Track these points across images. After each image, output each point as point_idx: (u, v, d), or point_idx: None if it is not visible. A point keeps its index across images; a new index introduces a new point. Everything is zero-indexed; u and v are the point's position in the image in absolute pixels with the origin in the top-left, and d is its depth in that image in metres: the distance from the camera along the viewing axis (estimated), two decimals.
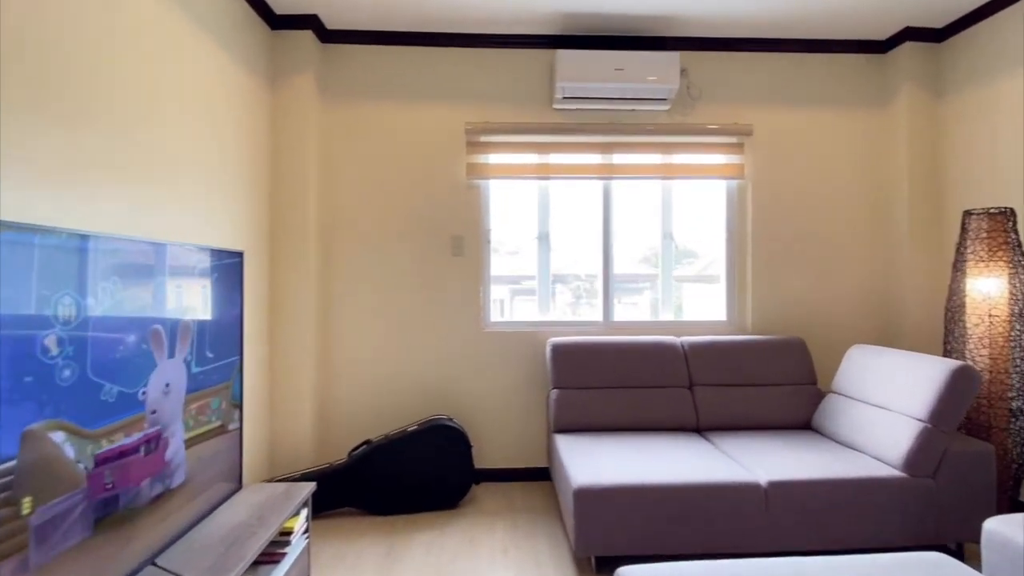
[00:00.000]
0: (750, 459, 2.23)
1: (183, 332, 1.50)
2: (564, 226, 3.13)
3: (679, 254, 3.17)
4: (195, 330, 1.57)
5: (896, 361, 2.33)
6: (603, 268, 3.11)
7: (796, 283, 3.07)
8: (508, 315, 3.14)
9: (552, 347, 2.79)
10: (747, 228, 3.06)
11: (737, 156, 3.02)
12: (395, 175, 2.96)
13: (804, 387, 2.76)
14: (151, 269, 1.36)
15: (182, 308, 1.50)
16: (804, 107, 3.05)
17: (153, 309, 1.36)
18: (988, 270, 2.28)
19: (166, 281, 1.43)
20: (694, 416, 2.68)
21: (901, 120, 2.94)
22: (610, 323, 3.09)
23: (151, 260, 1.37)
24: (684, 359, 2.80)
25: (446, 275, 2.99)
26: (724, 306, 3.12)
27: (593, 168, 3.00)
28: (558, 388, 2.72)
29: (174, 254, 1.48)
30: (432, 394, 2.99)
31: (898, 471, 2.09)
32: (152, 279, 1.37)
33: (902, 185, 2.94)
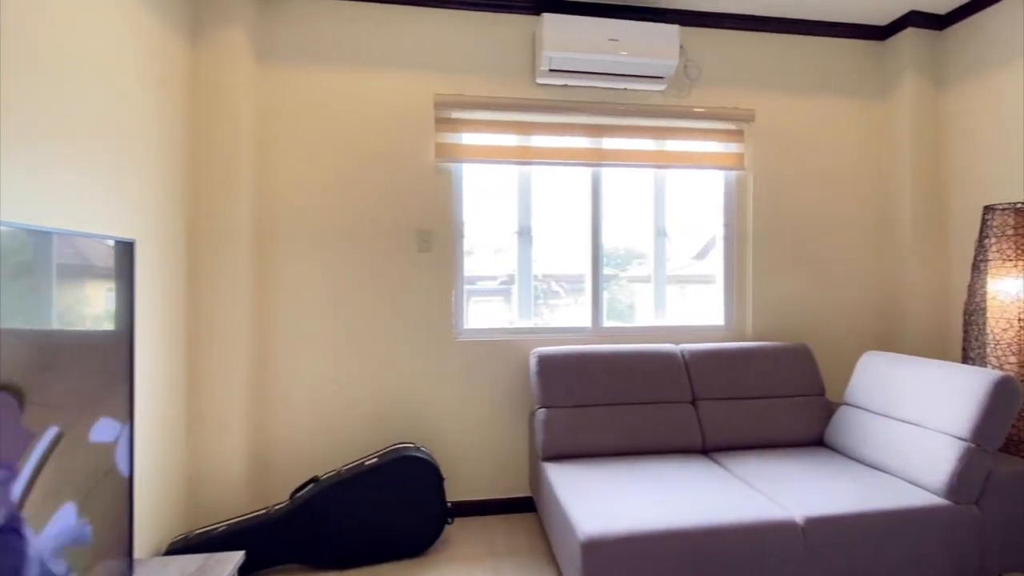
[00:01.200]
0: (775, 489, 1.92)
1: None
2: (548, 219, 2.74)
3: (628, 255, 2.85)
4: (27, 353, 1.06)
5: (922, 371, 2.10)
6: (592, 266, 2.74)
7: (797, 285, 2.83)
8: (484, 321, 2.72)
9: (538, 359, 2.39)
10: (748, 224, 2.79)
11: (737, 144, 2.75)
12: (350, 156, 2.47)
13: (812, 399, 2.51)
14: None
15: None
16: (807, 94, 2.82)
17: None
18: (1017, 270, 2.09)
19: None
20: (699, 435, 2.36)
21: (904, 111, 2.76)
22: (600, 329, 2.73)
23: None
24: (685, 370, 2.49)
25: (411, 276, 2.53)
26: (722, 310, 2.84)
27: (580, 153, 2.63)
28: (546, 407, 2.33)
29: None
30: (395, 418, 2.52)
31: (940, 498, 1.84)
32: None
33: (905, 181, 2.76)
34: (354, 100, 2.47)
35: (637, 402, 2.39)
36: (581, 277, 2.78)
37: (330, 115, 2.46)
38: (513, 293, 2.73)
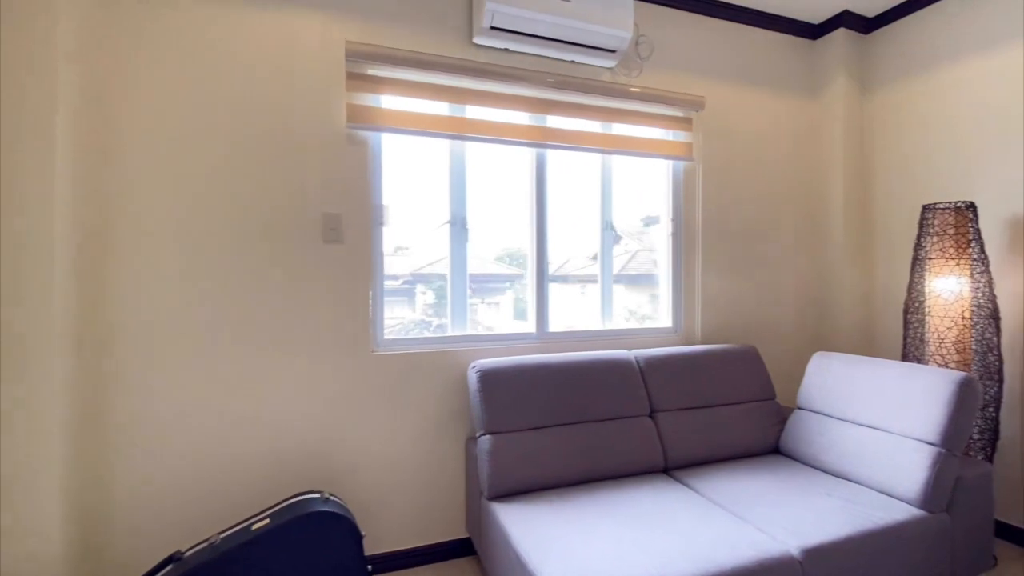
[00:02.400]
0: (757, 515, 1.70)
1: None
2: (485, 208, 2.33)
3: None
4: None
5: (879, 372, 2.03)
6: (536, 262, 2.38)
7: (741, 284, 2.71)
8: (407, 329, 2.22)
9: (480, 374, 1.97)
10: (697, 219, 2.62)
11: (685, 133, 2.56)
12: (228, 118, 1.85)
13: (764, 403, 2.38)
14: None
15: None
16: (753, 87, 2.72)
17: None
18: (959, 268, 2.10)
19: None
20: (661, 452, 2.11)
21: (835, 112, 2.77)
22: (545, 335, 2.38)
23: None
24: (642, 379, 2.22)
25: (314, 274, 1.97)
26: (669, 311, 2.63)
27: (523, 131, 2.25)
28: (491, 433, 1.92)
29: None
30: (295, 459, 1.94)
31: (915, 508, 1.74)
32: None
33: (836, 181, 2.77)
34: (233, 44, 1.85)
35: (595, 419, 2.07)
36: (508, 277, 2.40)
37: (199, 63, 1.81)
38: (447, 295, 2.27)
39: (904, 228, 2.62)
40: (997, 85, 2.26)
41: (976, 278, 2.09)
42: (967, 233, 2.11)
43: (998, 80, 2.25)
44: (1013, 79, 2.21)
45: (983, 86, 2.30)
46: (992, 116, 2.27)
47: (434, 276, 2.27)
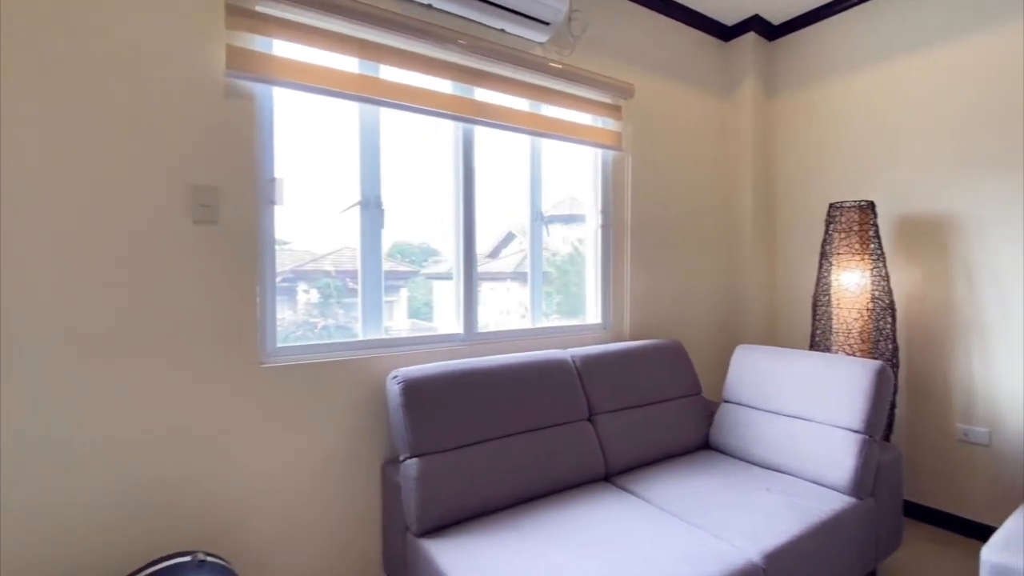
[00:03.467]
0: (710, 520, 1.60)
1: None
2: (403, 187, 1.99)
3: (422, 252, 2.29)
4: None
5: (801, 363, 2.07)
6: (462, 253, 2.10)
7: (665, 278, 2.69)
8: (307, 331, 1.81)
9: (403, 386, 1.64)
10: (626, 212, 2.52)
11: (615, 121, 2.45)
12: (60, 56, 1.31)
13: (693, 399, 2.35)
14: None
15: None
16: (678, 81, 2.70)
17: None
18: (863, 263, 2.24)
19: None
20: (602, 459, 1.95)
21: (744, 113, 2.87)
22: (473, 335, 2.11)
23: None
24: (579, 380, 2.05)
25: (179, 265, 1.49)
26: (598, 307, 2.51)
27: (447, 101, 1.96)
28: (418, 455, 1.61)
29: None
30: (163, 508, 1.45)
31: (845, 495, 1.78)
32: None
33: (746, 179, 2.87)
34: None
35: (535, 427, 1.85)
36: (404, 275, 2.10)
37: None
38: (358, 291, 1.90)
39: (808, 226, 2.79)
40: (886, 96, 2.46)
41: (876, 272, 2.24)
42: (869, 230, 2.26)
43: (887, 91, 2.45)
44: (899, 91, 2.41)
45: (874, 96, 2.50)
46: (881, 123, 2.47)
47: (338, 269, 1.89)
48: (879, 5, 2.47)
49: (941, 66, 2.27)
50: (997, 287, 2.14)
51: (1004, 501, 2.11)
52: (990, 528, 2.14)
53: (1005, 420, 2.12)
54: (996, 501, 2.13)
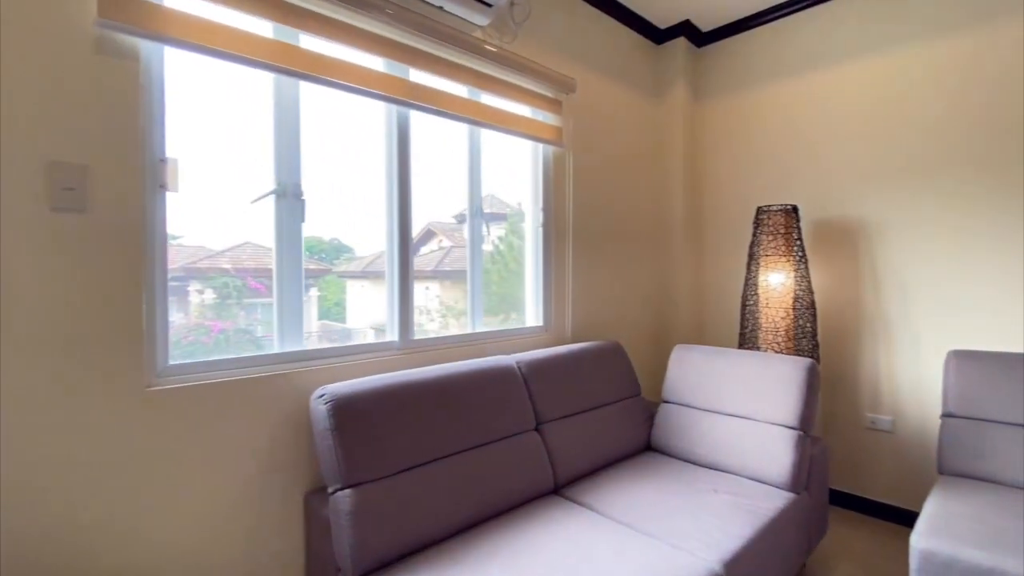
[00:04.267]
0: (666, 529, 1.55)
1: None
2: (327, 174, 1.74)
3: (334, 249, 2.13)
4: None
5: (738, 362, 2.12)
6: (397, 250, 1.89)
7: (603, 279, 2.65)
8: (203, 336, 1.51)
9: (332, 407, 1.42)
10: (568, 210, 2.44)
11: (555, 116, 2.36)
12: None
13: (633, 400, 2.33)
14: None
15: None
16: (617, 82, 2.66)
17: None
18: (789, 264, 2.34)
19: None
20: (551, 471, 1.85)
21: (676, 118, 2.92)
22: (410, 343, 1.91)
23: None
24: (526, 387, 1.93)
25: (32, 266, 1.16)
26: (540, 309, 2.41)
27: (379, 80, 1.75)
28: (352, 485, 1.39)
29: None
30: (47, 572, 1.10)
31: (784, 490, 1.82)
32: None
33: (677, 184, 2.92)
34: None
35: (481, 443, 1.70)
36: (315, 273, 1.88)
37: None
38: (273, 296, 1.62)
39: (734, 228, 2.89)
40: (805, 106, 2.60)
41: (799, 272, 2.36)
42: (793, 232, 2.37)
43: (806, 102, 2.60)
44: (816, 103, 2.56)
45: (795, 106, 2.64)
46: (802, 132, 2.62)
47: (238, 267, 1.61)
48: (798, 21, 2.61)
49: (853, 80, 2.44)
50: (899, 286, 2.33)
51: (907, 483, 2.31)
52: (896, 508, 2.34)
53: (906, 408, 2.32)
54: (900, 483, 2.33)
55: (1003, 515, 1.55)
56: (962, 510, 1.60)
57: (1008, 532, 1.46)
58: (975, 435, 1.89)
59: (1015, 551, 1.38)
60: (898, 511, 2.33)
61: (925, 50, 2.24)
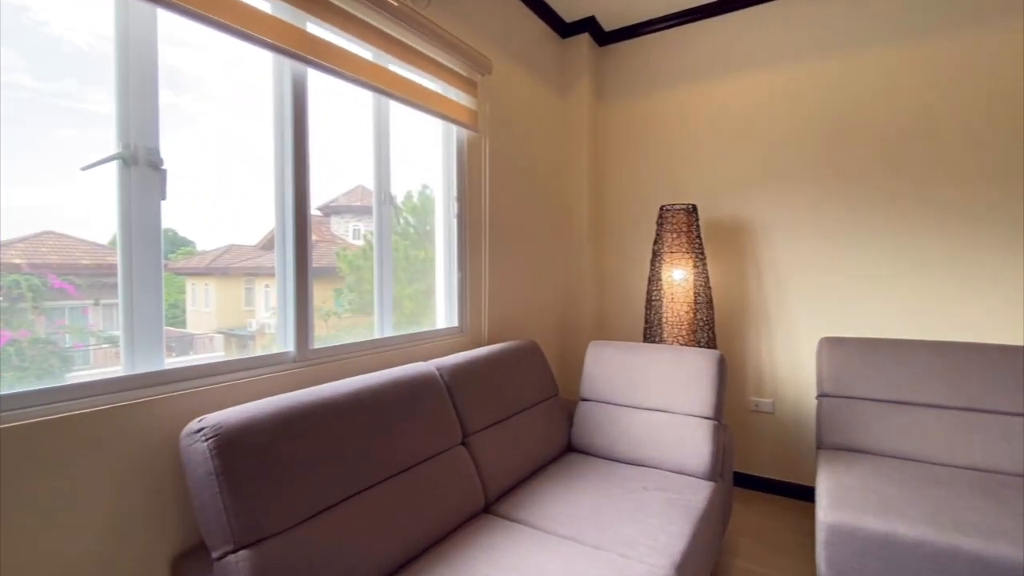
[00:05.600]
0: (609, 537, 1.47)
1: None
2: (197, 139, 1.34)
3: (169, 241, 1.78)
4: None
5: (651, 356, 2.15)
6: (291, 238, 1.54)
7: (517, 275, 2.53)
8: None
9: (215, 442, 1.07)
10: (484, 201, 2.26)
11: (470, 97, 2.16)
12: None
13: (552, 401, 2.25)
14: None
15: None
16: (529, 71, 2.54)
17: None
18: (690, 260, 2.44)
19: None
20: (480, 488, 1.66)
21: (582, 114, 2.91)
22: (309, 353, 1.57)
23: None
24: (449, 396, 1.72)
25: None
26: (455, 308, 2.20)
27: (267, 24, 1.40)
28: (248, 545, 1.06)
29: None
30: None
31: (704, 480, 1.87)
32: None
33: (583, 182, 2.92)
34: None
35: (405, 467, 1.45)
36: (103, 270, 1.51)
37: None
38: (118, 298, 1.19)
39: (636, 226, 2.97)
40: (700, 111, 2.76)
41: (699, 268, 2.48)
42: (693, 231, 2.48)
43: (700, 107, 2.76)
44: (710, 109, 2.73)
45: (691, 110, 2.78)
46: (698, 135, 2.77)
47: (32, 263, 1.17)
48: (693, 31, 2.76)
49: (739, 92, 2.64)
50: (777, 281, 2.58)
51: (787, 458, 2.57)
52: (780, 482, 2.58)
53: (784, 391, 2.58)
54: (781, 459, 2.58)
55: (885, 482, 1.75)
56: (851, 482, 1.78)
57: (894, 499, 1.64)
58: (847, 412, 2.14)
59: (902, 516, 1.55)
60: (781, 484, 2.58)
61: (796, 70, 2.49)
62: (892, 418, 2.04)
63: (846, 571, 1.59)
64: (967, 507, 1.57)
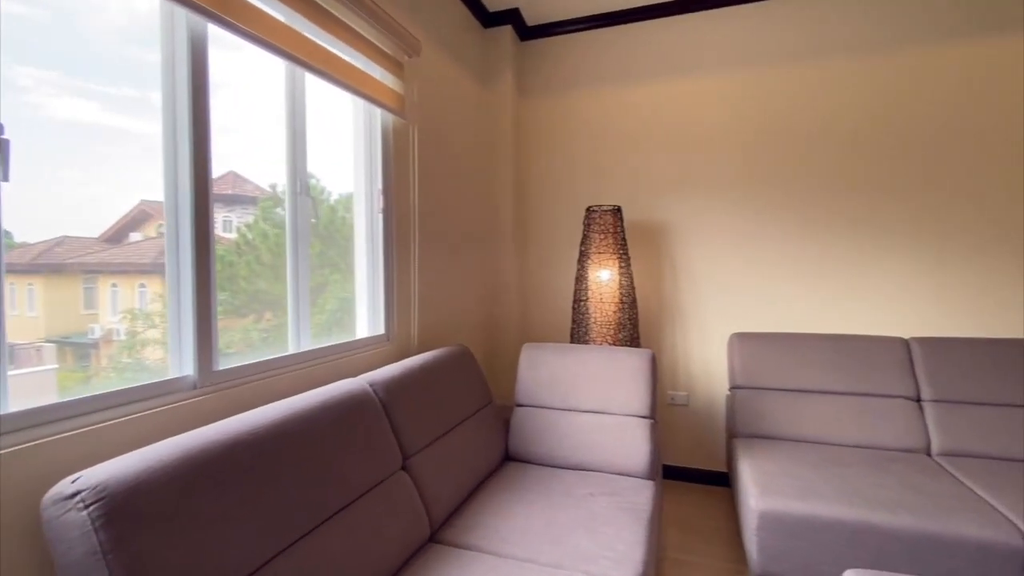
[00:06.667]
0: (567, 554, 1.40)
1: None
2: (53, 101, 1.00)
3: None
4: None
5: (586, 357, 2.13)
6: (190, 227, 1.24)
7: (447, 277, 2.36)
8: None
9: (100, 508, 0.80)
10: (413, 197, 2.05)
11: (396, 79, 1.95)
12: None
13: (487, 409, 2.13)
14: None
15: None
16: (455, 59, 2.36)
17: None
18: (617, 261, 2.47)
19: None
20: (425, 516, 1.49)
21: (506, 109, 2.81)
22: (213, 376, 1.27)
23: None
24: (386, 416, 1.52)
25: None
26: (381, 314, 1.97)
27: None
28: None
29: None
30: None
31: (646, 479, 1.89)
32: None
33: (507, 177, 2.83)
34: None
35: (343, 505, 1.24)
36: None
37: None
38: None
39: (560, 226, 2.95)
40: (622, 115, 2.80)
41: (624, 269, 2.53)
42: (619, 232, 2.52)
43: (620, 111, 2.80)
44: (628, 113, 2.79)
45: (613, 113, 2.82)
46: (620, 138, 2.81)
47: None
48: (614, 34, 2.80)
49: (657, 98, 2.73)
50: (691, 281, 2.72)
51: (699, 448, 2.73)
52: (695, 470, 2.73)
53: (697, 384, 2.74)
54: (695, 449, 2.74)
55: (799, 465, 1.91)
56: (772, 468, 1.91)
57: (812, 481, 1.78)
58: (758, 402, 2.31)
59: (821, 497, 1.69)
60: (696, 472, 2.74)
61: (712, 79, 2.64)
62: (796, 405, 2.25)
63: (775, 554, 1.69)
64: (870, 484, 1.76)
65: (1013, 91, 2.22)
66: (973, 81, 2.27)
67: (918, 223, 2.36)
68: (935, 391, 2.11)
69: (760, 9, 2.55)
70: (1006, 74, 2.23)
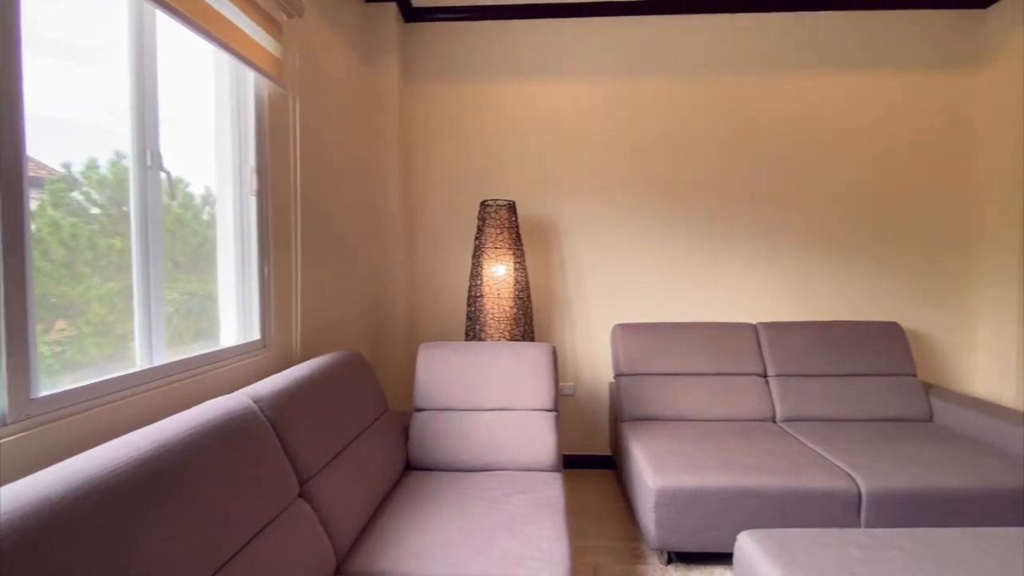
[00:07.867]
0: (492, 563, 1.33)
1: None
2: None
3: None
4: None
5: (488, 353, 2.08)
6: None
7: (330, 274, 2.09)
8: None
9: None
10: (293, 178, 1.76)
11: (275, 43, 1.65)
12: None
13: (385, 417, 1.96)
14: None
15: None
16: (338, 29, 2.09)
17: None
18: (512, 256, 2.46)
19: None
20: (330, 549, 1.29)
21: (391, 93, 2.61)
22: (34, 408, 0.92)
23: None
24: (276, 436, 1.28)
25: None
26: (255, 316, 1.67)
27: None
28: None
29: None
30: None
31: (553, 472, 1.90)
32: None
33: (393, 165, 2.63)
34: None
35: (227, 559, 1.00)
36: None
37: None
38: None
39: (450, 220, 2.83)
40: (512, 110, 2.79)
41: (519, 263, 2.52)
42: (514, 226, 2.50)
43: (512, 106, 2.79)
44: (520, 109, 2.79)
45: (506, 107, 2.79)
46: (512, 133, 2.79)
47: None
48: (505, 27, 2.77)
49: (546, 96, 2.78)
50: (576, 276, 2.84)
51: (584, 434, 2.86)
52: (580, 456, 2.85)
53: (582, 374, 2.86)
54: (580, 436, 2.86)
55: (683, 443, 2.09)
56: (660, 447, 2.07)
57: (696, 456, 1.96)
58: (641, 387, 2.49)
59: (705, 469, 1.87)
60: (582, 457, 2.86)
61: (599, 83, 2.77)
62: (673, 388, 2.47)
63: (671, 527, 1.83)
64: (740, 452, 2.00)
65: (829, 121, 2.72)
66: (800, 111, 2.73)
67: (756, 226, 2.77)
68: (776, 367, 2.50)
69: (633, 23, 2.74)
70: (825, 108, 2.72)
